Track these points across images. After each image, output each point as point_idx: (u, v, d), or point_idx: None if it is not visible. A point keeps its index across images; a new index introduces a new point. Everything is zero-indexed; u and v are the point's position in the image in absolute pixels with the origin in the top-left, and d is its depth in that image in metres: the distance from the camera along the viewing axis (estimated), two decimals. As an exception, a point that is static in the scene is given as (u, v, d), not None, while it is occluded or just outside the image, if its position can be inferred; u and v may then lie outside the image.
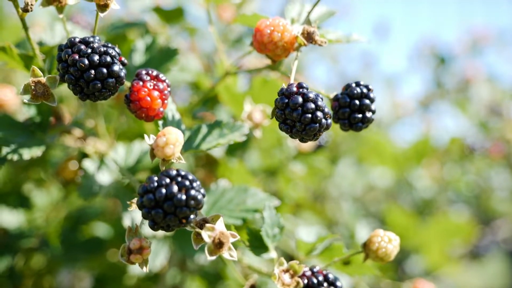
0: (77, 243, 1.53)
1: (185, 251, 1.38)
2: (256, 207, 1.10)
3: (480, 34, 4.38)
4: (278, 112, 0.89)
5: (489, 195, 3.38)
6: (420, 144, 2.63)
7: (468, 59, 4.23)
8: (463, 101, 3.78)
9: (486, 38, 4.40)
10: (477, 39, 4.35)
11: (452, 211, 3.16)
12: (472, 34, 4.37)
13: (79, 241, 1.54)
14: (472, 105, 3.74)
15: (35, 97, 0.89)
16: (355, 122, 0.97)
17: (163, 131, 0.85)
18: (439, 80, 4.18)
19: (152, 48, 1.19)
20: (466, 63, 4.16)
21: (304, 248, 1.12)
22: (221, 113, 1.47)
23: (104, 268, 1.67)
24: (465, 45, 4.32)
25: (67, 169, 1.34)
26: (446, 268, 2.71)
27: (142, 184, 0.84)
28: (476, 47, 4.34)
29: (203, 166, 1.48)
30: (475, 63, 4.17)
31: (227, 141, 1.01)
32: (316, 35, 0.97)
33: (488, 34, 4.41)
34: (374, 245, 1.00)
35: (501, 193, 3.50)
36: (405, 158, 2.66)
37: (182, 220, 0.82)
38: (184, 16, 1.49)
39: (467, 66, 4.11)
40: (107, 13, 0.92)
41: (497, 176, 3.39)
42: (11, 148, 1.03)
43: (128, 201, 0.89)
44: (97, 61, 0.87)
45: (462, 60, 4.23)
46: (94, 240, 1.58)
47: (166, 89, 0.96)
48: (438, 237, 2.45)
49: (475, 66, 4.08)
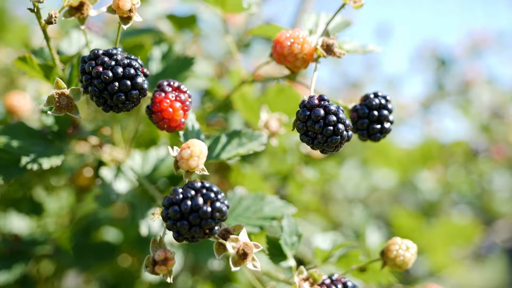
0: (88, 248, 1.53)
1: (198, 257, 1.39)
2: (273, 214, 1.11)
3: (480, 36, 4.41)
4: (300, 124, 0.90)
5: (490, 197, 3.39)
6: (426, 146, 2.65)
7: (468, 61, 4.25)
8: (465, 103, 3.80)
9: (486, 40, 4.42)
10: (477, 41, 4.38)
11: (455, 212, 3.18)
12: (472, 36, 4.39)
13: (91, 247, 1.55)
14: (474, 107, 3.76)
15: (58, 108, 0.90)
16: (374, 133, 0.99)
17: (188, 143, 0.86)
18: (440, 82, 4.20)
19: (168, 56, 1.20)
20: (467, 66, 4.18)
21: (321, 255, 1.13)
22: (234, 119, 1.48)
23: (115, 274, 1.68)
24: (466, 48, 4.34)
25: (82, 176, 1.35)
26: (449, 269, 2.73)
27: (167, 196, 0.85)
28: (476, 50, 4.36)
29: (216, 171, 1.49)
30: (476, 66, 4.19)
31: (247, 150, 1.02)
32: (335, 47, 0.98)
33: (488, 37, 4.44)
34: (392, 253, 1.01)
35: (502, 194, 3.52)
36: (410, 160, 2.68)
37: (206, 231, 0.83)
38: (197, 23, 1.50)
39: (467, 68, 4.13)
40: (129, 25, 0.93)
41: (498, 178, 3.41)
42: (30, 157, 1.04)
43: (151, 212, 0.91)
44: (121, 73, 0.88)
45: (462, 62, 4.25)
46: (105, 246, 1.59)
47: (188, 100, 0.97)
48: (442, 239, 2.47)
49: (475, 68, 4.10)
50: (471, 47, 4.36)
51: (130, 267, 1.69)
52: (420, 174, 2.87)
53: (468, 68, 4.15)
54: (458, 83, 4.10)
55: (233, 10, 1.16)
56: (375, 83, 4.36)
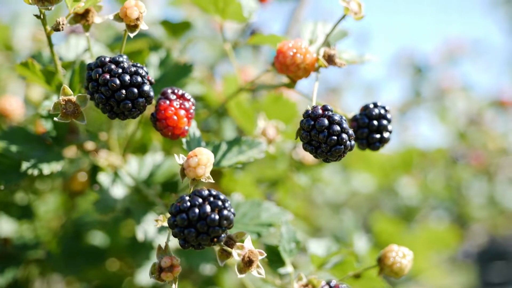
0: (78, 252, 1.53)
1: (191, 262, 1.40)
2: (270, 221, 1.12)
3: (456, 44, 4.50)
4: (303, 133, 0.92)
5: (467, 202, 3.46)
6: (407, 153, 2.69)
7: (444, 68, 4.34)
8: (441, 110, 3.86)
9: (462, 48, 4.52)
10: (453, 49, 4.46)
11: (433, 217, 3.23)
12: (448, 44, 4.48)
13: (80, 251, 1.54)
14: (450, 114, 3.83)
15: (65, 115, 0.90)
16: (373, 142, 1.01)
17: (195, 152, 0.87)
18: (417, 88, 4.27)
19: (166, 63, 1.21)
20: (443, 73, 4.26)
21: (316, 262, 1.15)
22: (226, 125, 1.50)
23: (103, 278, 1.68)
24: (442, 55, 4.43)
25: (76, 181, 1.35)
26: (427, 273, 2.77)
27: (174, 203, 0.86)
28: (452, 57, 4.45)
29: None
30: (451, 73, 4.27)
31: (247, 158, 1.04)
32: (337, 58, 1.00)
33: (463, 45, 4.53)
34: (389, 260, 1.03)
35: (478, 200, 3.59)
36: (391, 166, 2.72)
37: (213, 239, 0.85)
38: (191, 29, 1.51)
39: (443, 75, 4.21)
40: (136, 33, 0.93)
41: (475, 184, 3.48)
42: (31, 162, 1.04)
43: (155, 219, 0.91)
44: (128, 81, 0.88)
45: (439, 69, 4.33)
46: (94, 250, 1.58)
47: (192, 108, 0.98)
48: (422, 244, 2.51)
49: (451, 76, 4.18)
50: (447, 54, 4.45)
51: (118, 271, 1.69)
52: (401, 180, 2.92)
53: (444, 75, 4.23)
54: (434, 90, 4.18)
55: (233, 18, 1.18)
56: (354, 88, 4.41)
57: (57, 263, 1.50)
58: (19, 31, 2.21)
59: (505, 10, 6.28)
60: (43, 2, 0.89)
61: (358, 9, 1.01)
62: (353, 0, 1.01)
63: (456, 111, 3.87)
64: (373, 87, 4.45)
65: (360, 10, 1.01)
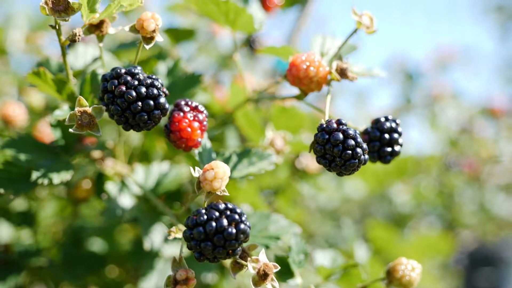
0: (79, 259, 1.52)
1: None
2: (278, 234, 1.11)
3: (447, 52, 4.54)
4: (318, 147, 0.92)
5: (458, 209, 3.49)
6: (402, 160, 2.70)
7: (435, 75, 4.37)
8: (432, 117, 3.89)
9: (452, 55, 4.56)
10: (443, 56, 4.50)
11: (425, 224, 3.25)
12: (439, 51, 4.52)
13: (81, 258, 1.53)
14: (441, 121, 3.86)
15: (80, 126, 0.90)
16: (384, 155, 1.02)
17: (211, 165, 0.87)
18: (408, 95, 4.30)
19: (174, 72, 1.21)
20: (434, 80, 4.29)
21: (324, 273, 1.15)
22: (230, 134, 1.50)
23: (102, 285, 1.67)
24: (433, 62, 4.47)
25: (80, 188, 1.34)
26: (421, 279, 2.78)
27: (190, 216, 0.86)
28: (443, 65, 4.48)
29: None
30: (442, 80, 4.31)
31: (258, 169, 1.04)
32: (349, 72, 1.01)
33: (454, 52, 4.57)
34: (398, 273, 1.04)
35: (469, 207, 3.62)
36: (385, 173, 2.73)
37: (229, 252, 0.85)
38: (195, 36, 1.51)
39: (434, 82, 4.24)
40: (152, 45, 0.93)
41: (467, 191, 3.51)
42: (40, 172, 1.03)
43: (168, 230, 0.91)
44: (144, 93, 0.88)
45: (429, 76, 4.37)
46: (94, 256, 1.58)
47: (205, 120, 0.98)
48: (416, 251, 2.52)
49: (441, 83, 4.22)
50: (438, 62, 4.49)
51: (117, 278, 1.69)
52: (394, 186, 2.93)
53: (434, 83, 4.26)
54: (425, 97, 4.22)
55: (243, 29, 1.18)
56: (345, 94, 4.43)
57: (58, 270, 1.49)
58: (12, 33, 2.20)
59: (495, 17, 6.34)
60: (59, 13, 0.89)
61: (370, 23, 1.01)
62: (365, 14, 1.01)
63: (447, 119, 3.90)
64: (365, 93, 4.48)
65: (372, 24, 1.01)
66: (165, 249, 1.23)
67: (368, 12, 1.02)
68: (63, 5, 0.89)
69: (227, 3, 1.09)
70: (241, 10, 1.10)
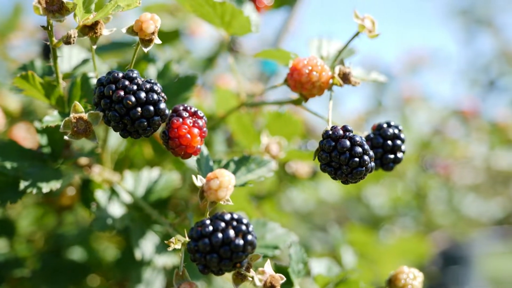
0: (59, 269, 1.47)
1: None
2: (275, 243, 1.09)
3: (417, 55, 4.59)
4: (323, 155, 0.89)
5: (432, 210, 3.52)
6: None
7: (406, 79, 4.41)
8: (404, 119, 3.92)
9: (422, 59, 4.61)
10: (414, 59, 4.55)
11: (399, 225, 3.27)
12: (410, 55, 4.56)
13: (62, 267, 1.48)
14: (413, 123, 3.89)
15: (76, 133, 0.85)
16: (387, 162, 1.00)
17: (215, 174, 0.84)
18: (379, 98, 4.33)
19: (165, 75, 1.16)
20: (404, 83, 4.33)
21: (321, 282, 1.13)
22: (217, 138, 1.46)
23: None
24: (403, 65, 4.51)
25: (65, 195, 1.29)
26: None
27: (194, 227, 0.82)
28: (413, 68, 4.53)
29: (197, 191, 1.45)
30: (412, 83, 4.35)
31: (257, 177, 1.01)
32: (352, 76, 0.99)
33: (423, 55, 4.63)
34: (400, 282, 1.02)
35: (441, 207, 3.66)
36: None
37: (236, 264, 0.82)
38: (180, 38, 1.47)
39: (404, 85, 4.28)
40: (150, 47, 0.89)
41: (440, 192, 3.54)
42: (29, 181, 0.98)
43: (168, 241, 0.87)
44: (144, 98, 0.84)
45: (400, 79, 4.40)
46: (76, 266, 1.52)
47: (205, 126, 0.95)
48: (395, 254, 2.53)
49: (411, 86, 4.26)
50: (408, 65, 4.54)
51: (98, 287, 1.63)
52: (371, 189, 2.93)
53: (405, 85, 4.30)
54: (396, 100, 4.25)
55: (238, 32, 1.14)
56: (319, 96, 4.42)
57: (38, 280, 1.43)
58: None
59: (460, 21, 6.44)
60: (53, 14, 0.84)
61: (372, 27, 0.99)
62: (367, 17, 0.99)
63: (419, 121, 3.94)
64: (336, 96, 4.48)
65: (374, 28, 0.99)
66: (156, 259, 1.18)
67: (370, 15, 1.00)
68: (57, 5, 0.84)
69: (223, 5, 1.05)
70: (238, 12, 1.06)
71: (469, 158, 3.76)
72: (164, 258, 1.18)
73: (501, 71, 5.63)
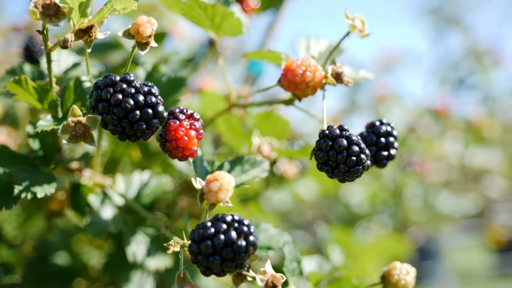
0: (47, 274, 1.45)
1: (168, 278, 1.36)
2: (268, 243, 1.10)
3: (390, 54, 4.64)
4: (320, 154, 0.91)
5: (408, 207, 3.57)
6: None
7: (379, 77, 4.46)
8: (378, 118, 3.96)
9: (395, 58, 4.67)
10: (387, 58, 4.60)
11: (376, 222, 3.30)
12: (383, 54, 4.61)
13: (48, 272, 1.47)
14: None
15: (74, 137, 0.85)
16: (381, 160, 1.01)
17: (215, 176, 0.84)
18: (352, 96, 4.37)
19: (153, 77, 1.16)
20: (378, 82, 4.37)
21: (314, 279, 1.14)
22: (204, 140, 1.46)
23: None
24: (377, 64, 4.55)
25: (55, 200, 1.27)
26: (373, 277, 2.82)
27: (196, 230, 0.82)
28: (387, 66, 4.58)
29: (187, 193, 1.46)
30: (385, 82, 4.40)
31: (252, 177, 1.01)
32: (344, 76, 1.00)
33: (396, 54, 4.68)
34: (394, 278, 1.03)
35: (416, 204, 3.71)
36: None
37: (238, 265, 0.82)
38: (164, 40, 1.47)
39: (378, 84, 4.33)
40: (146, 51, 0.89)
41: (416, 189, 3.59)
42: (23, 186, 0.97)
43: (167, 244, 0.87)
44: (142, 101, 0.84)
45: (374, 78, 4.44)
46: (63, 271, 1.51)
47: (201, 128, 0.95)
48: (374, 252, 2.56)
49: (384, 85, 4.31)
50: (381, 63, 4.58)
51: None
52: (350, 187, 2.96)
53: (379, 84, 4.34)
54: (369, 98, 4.29)
55: (228, 34, 1.14)
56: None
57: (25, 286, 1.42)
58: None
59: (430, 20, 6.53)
60: (50, 18, 0.84)
61: (362, 26, 1.01)
62: (357, 17, 1.01)
63: (393, 119, 3.98)
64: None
65: (364, 28, 1.01)
66: (148, 261, 1.18)
67: (360, 15, 1.01)
68: (53, 9, 0.84)
69: (214, 7, 1.06)
70: (229, 14, 1.07)
71: (443, 155, 3.82)
72: (156, 260, 1.18)
73: (470, 69, 5.72)
